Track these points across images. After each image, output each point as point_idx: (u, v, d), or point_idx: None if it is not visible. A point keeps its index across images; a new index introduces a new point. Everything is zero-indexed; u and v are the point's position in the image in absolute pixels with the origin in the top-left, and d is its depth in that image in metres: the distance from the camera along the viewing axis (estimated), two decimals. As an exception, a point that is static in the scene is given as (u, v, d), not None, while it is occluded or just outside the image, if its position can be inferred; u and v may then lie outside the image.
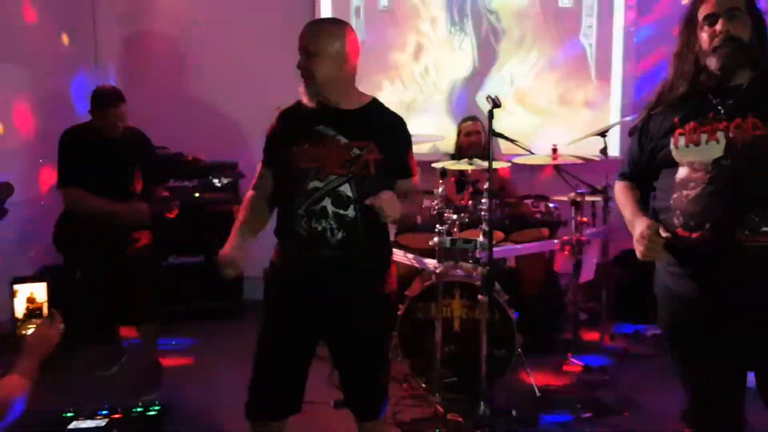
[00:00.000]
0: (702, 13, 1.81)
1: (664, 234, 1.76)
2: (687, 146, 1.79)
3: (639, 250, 1.79)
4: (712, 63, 1.79)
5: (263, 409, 2.08)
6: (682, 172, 1.80)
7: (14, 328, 1.61)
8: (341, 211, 1.97)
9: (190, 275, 4.43)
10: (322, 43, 2.00)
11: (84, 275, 3.21)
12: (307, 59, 2.00)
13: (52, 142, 3.27)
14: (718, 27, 1.78)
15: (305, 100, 2.05)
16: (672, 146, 1.82)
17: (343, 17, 4.81)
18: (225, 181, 4.41)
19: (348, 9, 4.85)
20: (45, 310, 1.63)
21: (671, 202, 1.81)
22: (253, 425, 2.10)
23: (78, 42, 4.63)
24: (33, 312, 1.61)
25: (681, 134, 1.81)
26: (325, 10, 4.85)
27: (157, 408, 2.88)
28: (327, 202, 1.96)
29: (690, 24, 1.85)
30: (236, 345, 4.00)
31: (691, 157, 1.78)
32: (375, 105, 2.12)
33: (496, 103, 2.27)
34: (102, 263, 3.15)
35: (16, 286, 1.61)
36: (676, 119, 1.84)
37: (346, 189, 1.97)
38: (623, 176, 2.05)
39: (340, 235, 1.98)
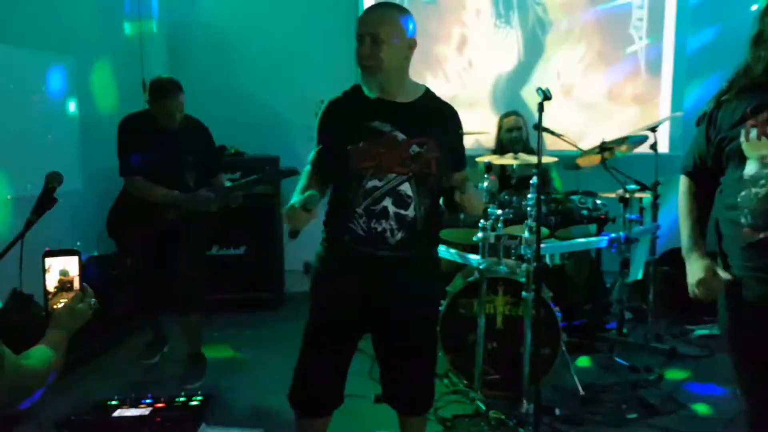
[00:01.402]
0: None
1: (723, 275, 1.74)
2: (759, 139, 1.68)
3: (695, 293, 1.80)
4: None
5: (308, 406, 2.07)
6: (751, 167, 1.70)
7: (45, 302, 1.55)
8: (402, 212, 1.91)
9: (232, 267, 4.49)
10: (391, 29, 1.89)
11: (135, 263, 3.25)
12: (373, 46, 1.88)
13: (98, 132, 3.31)
14: None
15: (367, 90, 1.96)
16: (742, 138, 1.71)
17: (386, 10, 4.81)
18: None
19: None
20: (76, 284, 1.57)
21: (739, 199, 1.72)
22: (298, 421, 2.10)
23: (123, 42, 4.71)
24: (64, 285, 1.56)
25: (753, 126, 1.70)
26: (369, 2, 4.83)
27: (199, 398, 2.91)
28: (388, 202, 1.90)
29: None
30: (278, 336, 4.07)
31: (763, 151, 1.67)
32: (429, 96, 2.04)
33: (546, 96, 2.20)
34: (153, 252, 3.18)
35: (47, 260, 1.55)
36: (747, 110, 1.72)
37: (407, 188, 1.91)
38: (687, 171, 1.96)
39: (399, 236, 1.92)
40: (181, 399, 2.89)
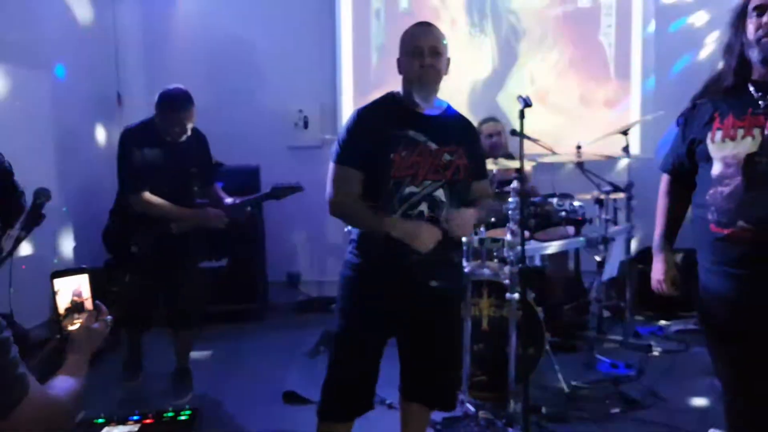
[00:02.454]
0: (753, 2, 1.80)
1: (673, 290, 2.04)
2: (723, 141, 1.79)
3: (656, 289, 2.08)
4: (754, 54, 1.78)
5: (344, 409, 2.13)
6: (717, 167, 1.80)
7: (58, 325, 1.49)
8: (436, 215, 2.03)
9: (214, 279, 4.46)
10: (443, 44, 2.07)
11: (134, 278, 3.17)
12: (433, 58, 2.03)
13: (73, 146, 3.24)
14: (765, 19, 1.75)
15: (418, 100, 2.06)
16: (709, 140, 1.82)
17: (363, 19, 4.89)
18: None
19: (368, 11, 4.89)
20: (88, 304, 1.52)
21: (707, 197, 1.82)
22: (325, 425, 2.15)
23: (99, 52, 4.69)
24: (76, 306, 1.50)
25: (718, 129, 1.81)
26: (346, 13, 4.89)
27: (188, 412, 2.89)
28: (424, 207, 2.02)
29: (741, 15, 1.83)
30: (263, 347, 4.08)
31: (726, 153, 1.78)
32: (450, 109, 2.17)
33: (527, 103, 2.29)
34: (153, 266, 3.09)
35: (56, 282, 1.48)
36: (715, 113, 1.83)
37: (441, 194, 2.03)
38: (666, 169, 2.06)
39: None
40: (170, 414, 2.86)
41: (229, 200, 3.28)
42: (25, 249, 3.41)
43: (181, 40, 4.99)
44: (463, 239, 2.99)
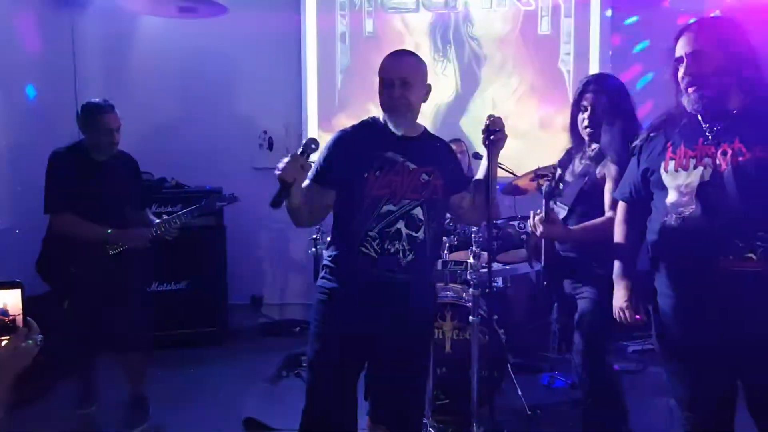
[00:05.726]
0: (676, 53, 1.90)
1: (641, 311, 2.10)
2: (676, 171, 1.86)
3: (617, 316, 2.15)
4: (685, 102, 1.87)
5: None
6: (671, 195, 1.87)
7: None
8: (413, 233, 2.07)
9: (173, 302, 4.37)
10: (419, 73, 2.15)
11: (73, 304, 3.08)
12: (403, 89, 2.09)
13: (27, 168, 3.15)
14: (682, 70, 1.86)
15: (393, 127, 2.13)
16: (662, 170, 1.89)
17: (328, 42, 4.92)
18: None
19: (334, 34, 4.92)
20: (19, 321, 1.41)
21: (661, 224, 1.88)
22: None
23: (57, 71, 4.59)
24: (4, 323, 1.40)
25: (671, 158, 1.88)
26: (311, 35, 4.92)
27: (144, 443, 2.82)
28: (401, 225, 2.06)
29: (674, 62, 1.92)
30: (223, 372, 4.00)
31: (679, 182, 1.85)
32: (427, 133, 2.26)
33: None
34: (92, 290, 3.00)
35: None
36: (668, 143, 1.91)
37: (419, 212, 2.09)
38: (623, 198, 2.13)
39: (410, 257, 2.07)
40: (126, 444, 2.78)
41: (156, 221, 3.22)
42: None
43: (143, 58, 4.93)
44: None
